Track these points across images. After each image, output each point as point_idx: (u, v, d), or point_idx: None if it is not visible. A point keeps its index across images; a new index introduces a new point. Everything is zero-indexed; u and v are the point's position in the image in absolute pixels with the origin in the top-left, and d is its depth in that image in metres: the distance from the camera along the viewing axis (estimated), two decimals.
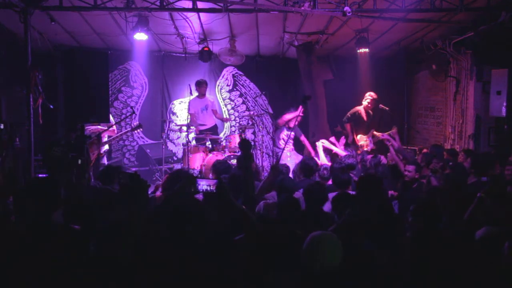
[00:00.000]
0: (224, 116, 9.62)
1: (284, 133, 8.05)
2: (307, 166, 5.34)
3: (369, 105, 7.89)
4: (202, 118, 8.62)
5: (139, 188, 2.73)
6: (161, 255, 2.70)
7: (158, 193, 4.92)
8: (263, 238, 2.62)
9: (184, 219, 2.70)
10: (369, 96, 7.88)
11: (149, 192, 3.63)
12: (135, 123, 7.16)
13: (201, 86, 8.66)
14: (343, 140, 7.43)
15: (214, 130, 8.83)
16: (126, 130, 7.42)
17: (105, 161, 7.34)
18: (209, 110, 8.76)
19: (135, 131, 8.42)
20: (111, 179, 4.60)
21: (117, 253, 2.62)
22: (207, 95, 8.91)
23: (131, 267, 2.59)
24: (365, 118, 7.92)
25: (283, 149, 6.99)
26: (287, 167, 5.64)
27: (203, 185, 3.80)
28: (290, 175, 5.64)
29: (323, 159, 6.56)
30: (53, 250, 2.57)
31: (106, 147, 7.37)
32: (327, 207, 4.19)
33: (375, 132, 7.66)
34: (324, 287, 2.38)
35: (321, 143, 6.90)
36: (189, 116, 8.28)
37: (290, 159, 7.68)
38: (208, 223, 2.81)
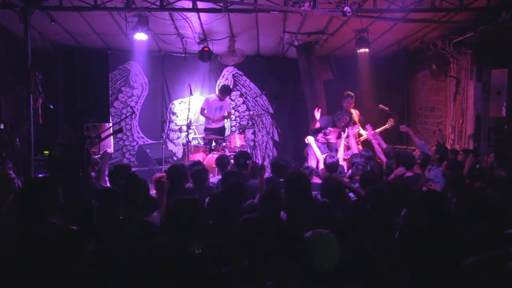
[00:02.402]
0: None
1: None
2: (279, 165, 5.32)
3: (344, 106, 7.88)
4: (213, 117, 8.64)
5: (137, 188, 2.73)
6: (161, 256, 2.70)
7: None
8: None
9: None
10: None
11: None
12: (116, 127, 7.02)
13: (224, 93, 8.64)
14: (369, 128, 7.34)
15: (222, 131, 8.84)
16: (107, 134, 7.12)
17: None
18: (222, 111, 8.72)
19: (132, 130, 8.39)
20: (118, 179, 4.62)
21: (116, 253, 2.62)
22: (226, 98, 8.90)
23: (130, 267, 2.59)
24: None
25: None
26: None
27: None
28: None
29: (318, 154, 6.56)
30: (52, 250, 2.57)
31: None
32: None
33: (361, 132, 7.67)
34: (323, 286, 2.38)
35: (312, 139, 6.89)
36: (198, 111, 8.31)
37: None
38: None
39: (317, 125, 7.59)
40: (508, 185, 4.38)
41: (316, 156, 6.66)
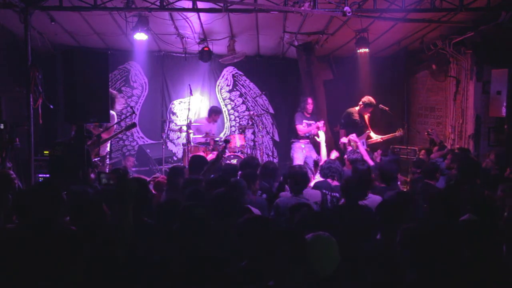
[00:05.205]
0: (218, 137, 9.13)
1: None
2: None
3: (360, 109, 7.83)
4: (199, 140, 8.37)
5: (126, 188, 2.72)
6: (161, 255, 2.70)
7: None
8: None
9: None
10: (361, 101, 7.80)
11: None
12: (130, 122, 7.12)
13: (217, 114, 8.51)
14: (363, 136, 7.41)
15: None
16: (120, 130, 7.31)
17: (107, 161, 7.31)
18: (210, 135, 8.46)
19: (132, 130, 8.35)
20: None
21: (112, 253, 2.62)
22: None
23: (129, 266, 2.60)
24: (357, 119, 7.87)
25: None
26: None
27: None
28: None
29: (323, 153, 6.55)
30: (52, 251, 2.58)
31: (107, 148, 7.30)
32: None
33: (371, 134, 7.68)
34: (324, 286, 2.38)
35: (323, 135, 6.87)
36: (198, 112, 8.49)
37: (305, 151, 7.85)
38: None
39: (301, 128, 7.77)
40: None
41: (321, 156, 6.64)
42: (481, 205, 3.48)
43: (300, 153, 7.79)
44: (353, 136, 7.28)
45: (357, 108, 7.83)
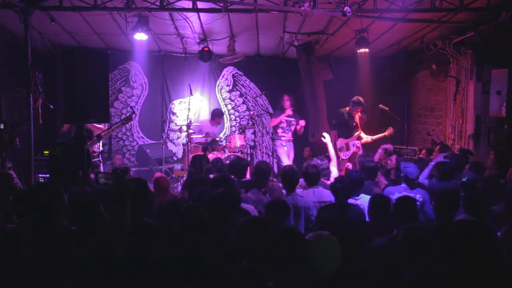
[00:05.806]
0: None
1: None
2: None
3: (350, 108, 7.82)
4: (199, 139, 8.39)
5: (124, 188, 2.72)
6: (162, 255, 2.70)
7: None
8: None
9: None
10: (351, 101, 7.80)
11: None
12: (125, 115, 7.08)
13: (220, 117, 8.61)
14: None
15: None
16: (116, 124, 7.19)
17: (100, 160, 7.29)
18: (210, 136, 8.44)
19: (132, 130, 8.36)
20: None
21: (112, 253, 2.62)
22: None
23: (126, 267, 2.60)
24: (348, 119, 7.85)
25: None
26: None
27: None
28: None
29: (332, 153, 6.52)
30: (52, 251, 2.58)
31: (100, 147, 7.27)
32: None
33: (361, 135, 7.67)
34: (324, 286, 2.38)
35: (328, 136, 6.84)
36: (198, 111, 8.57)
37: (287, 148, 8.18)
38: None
39: (273, 119, 8.21)
40: None
41: (330, 155, 6.59)
42: (479, 206, 3.49)
43: (282, 149, 8.16)
44: (339, 142, 7.34)
45: (347, 108, 7.84)
